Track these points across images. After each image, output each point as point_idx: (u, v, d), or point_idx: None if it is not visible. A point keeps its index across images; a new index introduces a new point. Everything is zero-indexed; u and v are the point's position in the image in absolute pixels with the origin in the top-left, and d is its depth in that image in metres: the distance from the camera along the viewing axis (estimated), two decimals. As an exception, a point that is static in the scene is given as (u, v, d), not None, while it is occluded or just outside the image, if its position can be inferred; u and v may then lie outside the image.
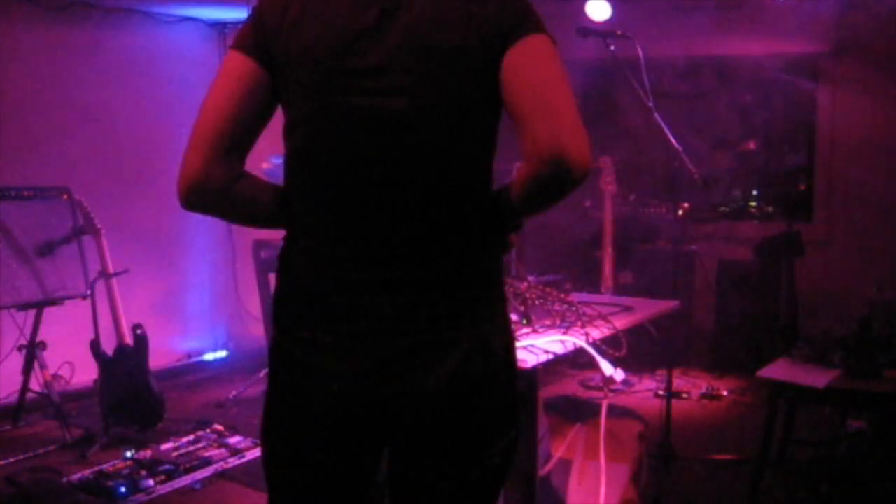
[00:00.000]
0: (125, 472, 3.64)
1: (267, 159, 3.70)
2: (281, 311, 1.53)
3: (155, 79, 5.35)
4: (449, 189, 1.45)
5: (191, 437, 4.12)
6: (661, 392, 4.85)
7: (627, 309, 2.86)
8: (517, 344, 1.61)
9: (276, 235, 1.56)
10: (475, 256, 1.49)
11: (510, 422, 1.55)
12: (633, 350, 2.60)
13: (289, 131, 1.50)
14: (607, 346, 2.48)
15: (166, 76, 5.41)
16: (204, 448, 3.97)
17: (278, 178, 1.56)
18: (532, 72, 1.41)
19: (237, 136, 1.47)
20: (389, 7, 1.43)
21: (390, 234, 1.44)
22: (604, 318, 2.62)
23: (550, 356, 2.30)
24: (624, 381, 4.28)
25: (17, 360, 4.33)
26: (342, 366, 1.44)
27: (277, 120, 1.55)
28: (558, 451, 2.94)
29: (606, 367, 2.42)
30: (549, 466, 2.90)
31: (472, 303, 1.48)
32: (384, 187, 1.44)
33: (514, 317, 2.41)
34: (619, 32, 3.85)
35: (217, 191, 1.47)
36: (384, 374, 1.44)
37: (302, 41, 1.45)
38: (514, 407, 1.56)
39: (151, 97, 5.33)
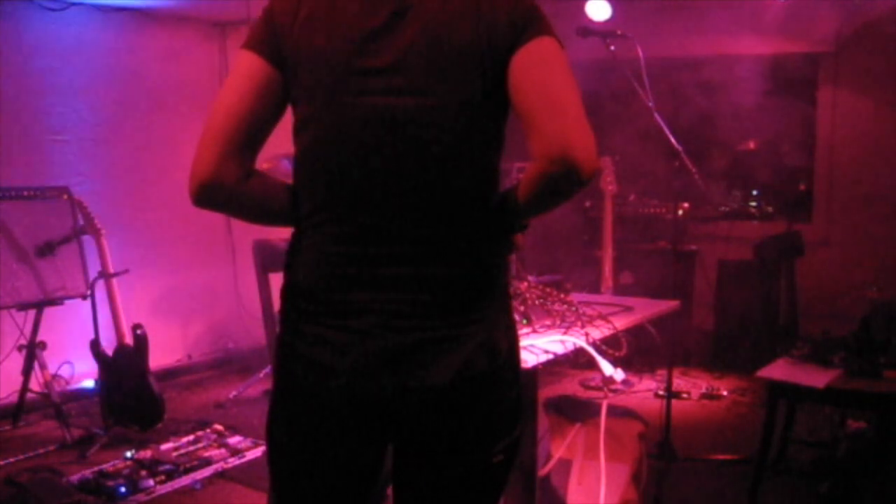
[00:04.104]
0: (125, 472, 3.64)
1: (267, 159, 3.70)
2: (287, 307, 1.53)
3: (155, 79, 5.35)
4: (457, 188, 1.46)
5: (191, 437, 4.13)
6: (661, 392, 4.85)
7: (627, 309, 2.86)
8: (519, 344, 1.62)
9: (276, 235, 1.57)
10: (482, 255, 1.50)
11: (514, 420, 1.55)
12: (633, 350, 2.60)
13: (298, 130, 1.51)
14: (607, 346, 2.48)
15: (166, 76, 5.42)
16: (204, 448, 3.98)
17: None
18: (540, 73, 1.42)
19: (248, 135, 1.48)
20: (400, 8, 1.44)
21: (398, 231, 1.45)
22: (604, 318, 2.62)
23: (550, 356, 2.30)
24: (624, 381, 4.29)
25: (17, 360, 4.33)
26: (347, 361, 1.45)
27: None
28: (558, 451, 2.94)
29: (606, 367, 2.42)
30: (549, 466, 2.90)
31: (477, 301, 1.48)
32: (392, 186, 1.44)
33: (514, 317, 2.41)
34: (619, 32, 3.85)
35: (228, 189, 1.48)
36: (388, 371, 1.44)
37: (313, 41, 1.46)
38: (518, 406, 1.57)
39: (151, 97, 5.34)
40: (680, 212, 5.72)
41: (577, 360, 5.05)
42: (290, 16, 1.47)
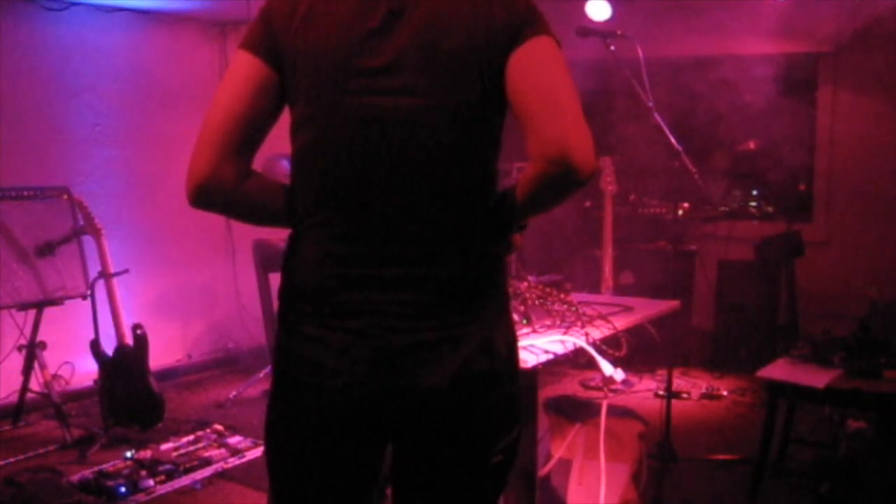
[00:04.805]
0: (125, 472, 3.64)
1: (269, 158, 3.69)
2: (286, 308, 1.53)
3: (155, 79, 5.35)
4: (454, 188, 1.46)
5: (191, 437, 4.13)
6: (661, 392, 4.85)
7: (627, 309, 2.86)
8: (518, 344, 1.62)
9: (277, 235, 1.57)
10: (480, 255, 1.50)
11: (513, 421, 1.55)
12: (633, 350, 2.60)
13: (295, 130, 1.50)
14: (607, 346, 2.48)
15: (166, 76, 5.42)
16: (204, 448, 3.98)
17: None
18: (538, 73, 1.42)
19: (245, 136, 1.48)
20: (397, 7, 1.44)
21: (396, 232, 1.45)
22: (604, 318, 2.62)
23: (550, 356, 2.30)
24: (624, 381, 4.29)
25: (17, 360, 4.33)
26: (346, 362, 1.45)
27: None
28: (558, 451, 2.94)
29: (606, 367, 2.42)
30: (549, 466, 2.90)
31: (476, 301, 1.48)
32: (390, 186, 1.44)
33: (514, 317, 2.41)
34: (619, 32, 3.85)
35: (225, 190, 1.48)
36: (388, 371, 1.44)
37: (310, 41, 1.45)
38: (517, 406, 1.57)
39: (151, 97, 5.34)
40: (680, 212, 5.73)
41: (577, 360, 5.05)
42: (287, 16, 1.47)
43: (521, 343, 2.28)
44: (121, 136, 5.20)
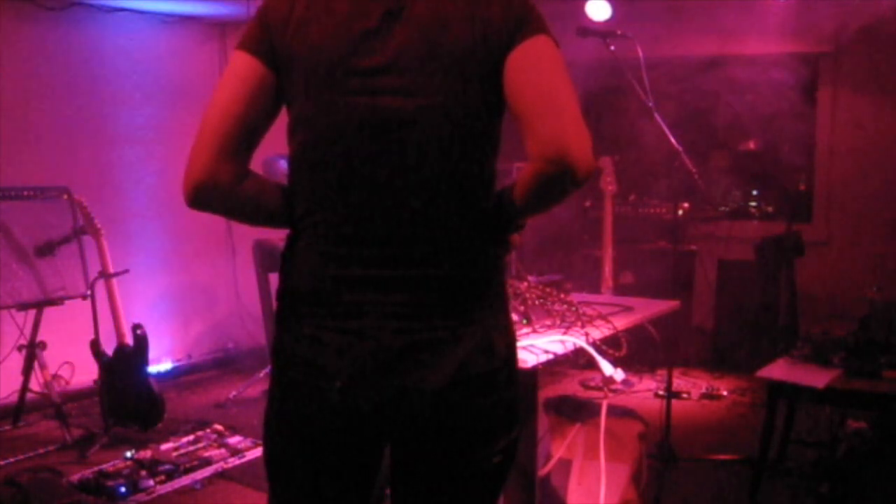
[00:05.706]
0: (125, 472, 3.64)
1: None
2: (284, 309, 1.53)
3: (155, 79, 5.36)
4: (452, 188, 1.45)
5: (191, 437, 4.13)
6: (661, 392, 4.85)
7: (627, 309, 2.86)
8: (517, 344, 1.61)
9: (276, 235, 1.57)
10: (478, 255, 1.50)
11: (511, 422, 1.55)
12: (633, 350, 2.60)
13: (293, 130, 1.50)
14: (607, 346, 2.48)
15: (166, 76, 5.42)
16: (204, 448, 3.98)
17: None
18: (536, 73, 1.42)
19: (243, 136, 1.48)
20: (394, 7, 1.44)
21: (394, 232, 1.45)
22: (604, 318, 2.62)
23: (550, 356, 2.29)
24: (624, 381, 4.28)
25: (17, 360, 4.33)
26: (345, 363, 1.45)
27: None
28: (558, 451, 2.94)
29: (606, 367, 2.42)
30: (549, 466, 2.90)
31: (474, 302, 1.48)
32: (387, 186, 1.44)
33: (514, 317, 2.41)
34: (619, 32, 3.85)
35: (223, 190, 1.48)
36: (386, 372, 1.44)
37: (307, 40, 1.45)
38: (516, 407, 1.57)
39: (151, 97, 5.34)
40: (680, 212, 5.72)
41: (577, 360, 5.05)
42: (284, 16, 1.47)
43: (521, 343, 2.27)
44: (121, 136, 5.20)
